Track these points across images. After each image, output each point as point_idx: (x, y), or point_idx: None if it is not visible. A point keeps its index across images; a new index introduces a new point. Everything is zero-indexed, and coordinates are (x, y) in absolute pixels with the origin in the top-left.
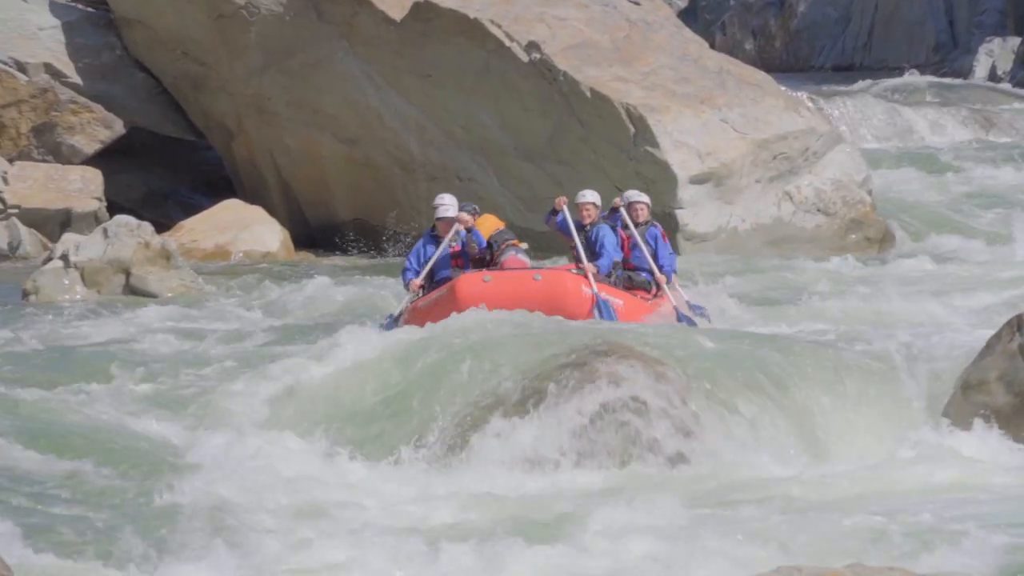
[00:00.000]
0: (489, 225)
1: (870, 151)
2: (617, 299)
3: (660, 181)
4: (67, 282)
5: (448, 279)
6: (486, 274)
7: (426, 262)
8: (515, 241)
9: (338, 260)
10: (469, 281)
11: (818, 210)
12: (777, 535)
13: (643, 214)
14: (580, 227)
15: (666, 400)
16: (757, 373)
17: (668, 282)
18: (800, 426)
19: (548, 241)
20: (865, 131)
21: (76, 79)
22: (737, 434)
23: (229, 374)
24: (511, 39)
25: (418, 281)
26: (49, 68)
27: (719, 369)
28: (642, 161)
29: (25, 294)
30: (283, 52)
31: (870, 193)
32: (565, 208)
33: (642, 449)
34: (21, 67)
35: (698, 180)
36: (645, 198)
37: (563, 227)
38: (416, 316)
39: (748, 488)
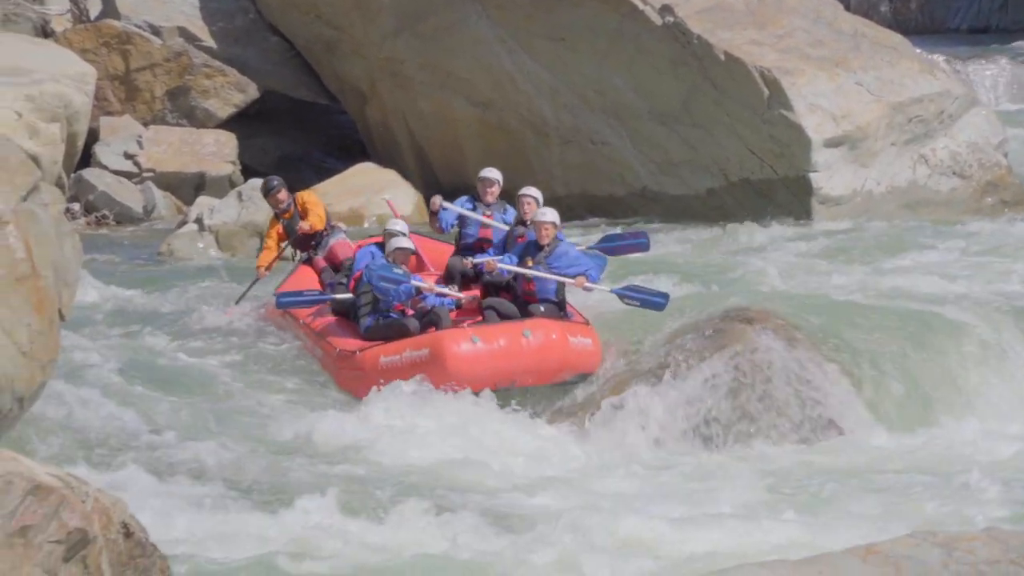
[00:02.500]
0: (316, 199)
1: (1006, 113)
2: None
3: (794, 144)
4: (201, 245)
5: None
6: (472, 333)
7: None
8: (337, 223)
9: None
10: (456, 341)
11: (953, 173)
12: (911, 500)
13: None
14: (538, 247)
15: (799, 366)
16: (891, 339)
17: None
18: (934, 392)
19: (682, 205)
20: (1002, 93)
21: (210, 43)
22: (870, 400)
23: None
24: (644, 2)
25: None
26: (183, 32)
27: (854, 335)
28: (776, 124)
29: (160, 256)
30: (416, 16)
31: (1006, 156)
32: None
33: (773, 415)
34: (155, 31)
35: (832, 143)
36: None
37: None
38: (385, 372)
39: (881, 454)
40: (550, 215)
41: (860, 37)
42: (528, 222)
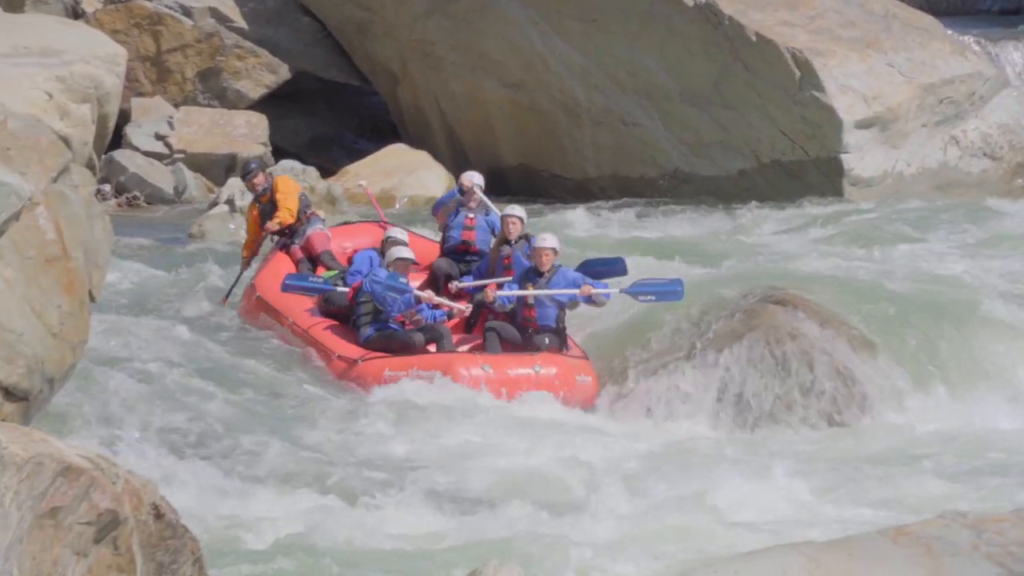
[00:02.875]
0: (290, 189)
1: None
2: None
3: (825, 125)
4: (232, 226)
5: None
6: (483, 361)
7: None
8: (315, 211)
9: (503, 204)
10: (467, 366)
11: (984, 154)
12: (942, 481)
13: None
14: (538, 274)
15: (831, 348)
16: (924, 321)
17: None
18: (965, 374)
19: (713, 187)
20: None
21: (241, 24)
22: (901, 382)
23: None
24: None
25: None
26: (214, 12)
27: (886, 318)
28: (807, 105)
29: (191, 237)
30: None
31: None
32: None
33: (805, 397)
34: (187, 11)
35: (864, 124)
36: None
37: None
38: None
39: (912, 435)
40: (551, 241)
41: (891, 18)
42: (512, 241)
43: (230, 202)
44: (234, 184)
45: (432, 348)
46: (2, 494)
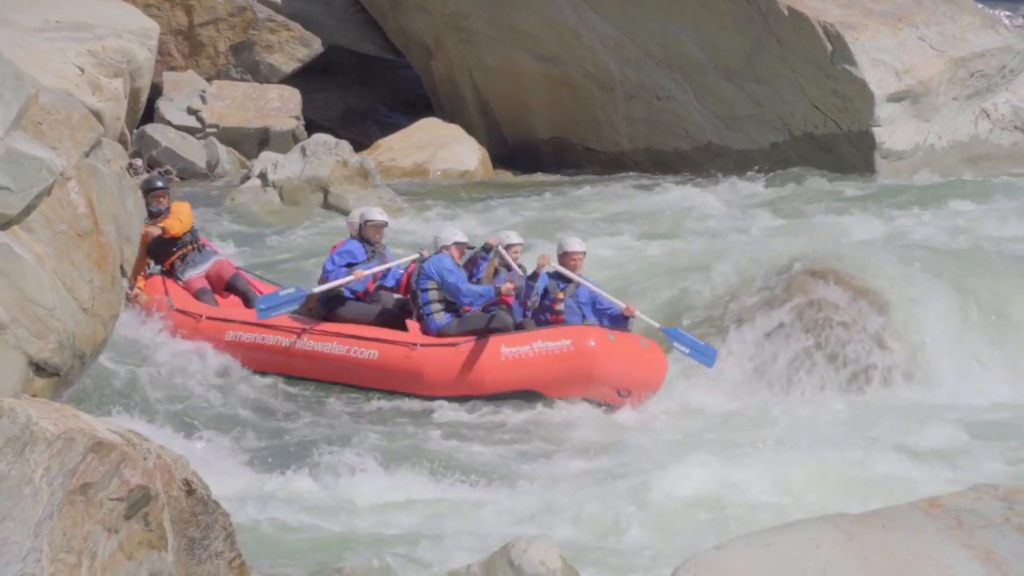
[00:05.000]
0: (187, 209)
1: None
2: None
3: (857, 99)
4: (265, 200)
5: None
6: (608, 332)
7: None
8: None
9: (536, 177)
10: (600, 335)
11: (1015, 127)
12: (973, 453)
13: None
14: (565, 278)
15: (864, 320)
16: (957, 294)
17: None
18: (995, 348)
19: (746, 160)
20: None
21: None
22: (933, 354)
23: None
24: None
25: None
26: None
27: (920, 290)
28: (839, 79)
29: (224, 211)
30: None
31: None
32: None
33: (838, 367)
34: None
35: (896, 98)
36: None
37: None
38: (511, 364)
39: (943, 407)
40: (581, 244)
41: None
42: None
43: (263, 176)
44: (266, 158)
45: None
46: (32, 470)
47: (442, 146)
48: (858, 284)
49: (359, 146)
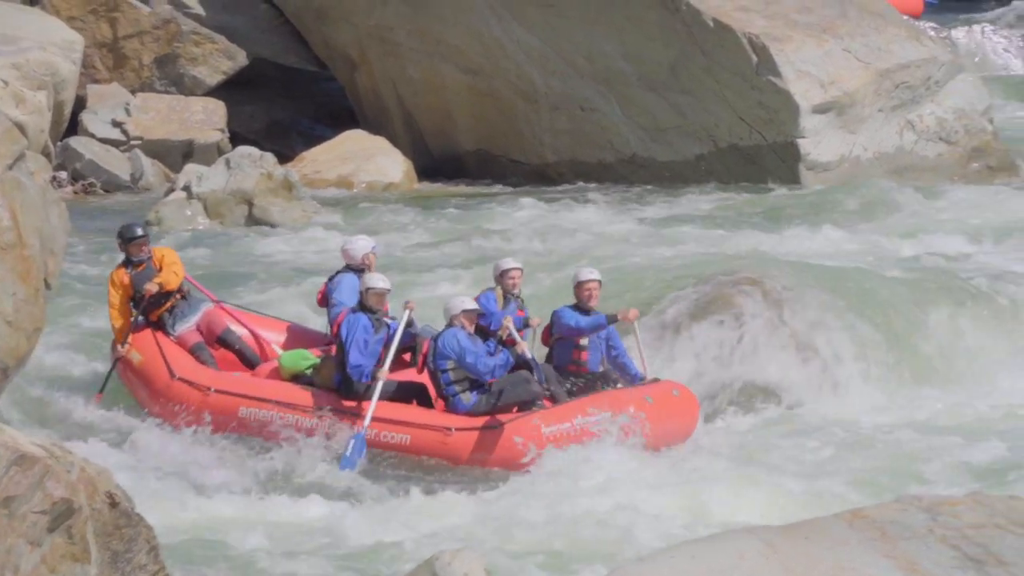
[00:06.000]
0: (176, 257)
1: (992, 80)
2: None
3: (782, 110)
4: (189, 213)
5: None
6: (645, 395)
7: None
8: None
9: (460, 189)
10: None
11: (940, 139)
12: (898, 465)
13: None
14: (584, 311)
15: (789, 331)
16: (881, 304)
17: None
18: (921, 358)
19: (671, 172)
20: (988, 60)
21: (198, 10)
22: (859, 366)
23: None
24: None
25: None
26: None
27: (843, 300)
28: (764, 90)
29: (148, 224)
30: None
31: (992, 122)
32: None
33: (764, 380)
34: None
35: (820, 109)
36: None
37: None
38: (559, 439)
39: (869, 419)
40: (596, 272)
41: (847, 3)
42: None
43: (187, 188)
44: (191, 170)
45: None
46: None
47: (366, 158)
48: (780, 296)
49: (284, 158)
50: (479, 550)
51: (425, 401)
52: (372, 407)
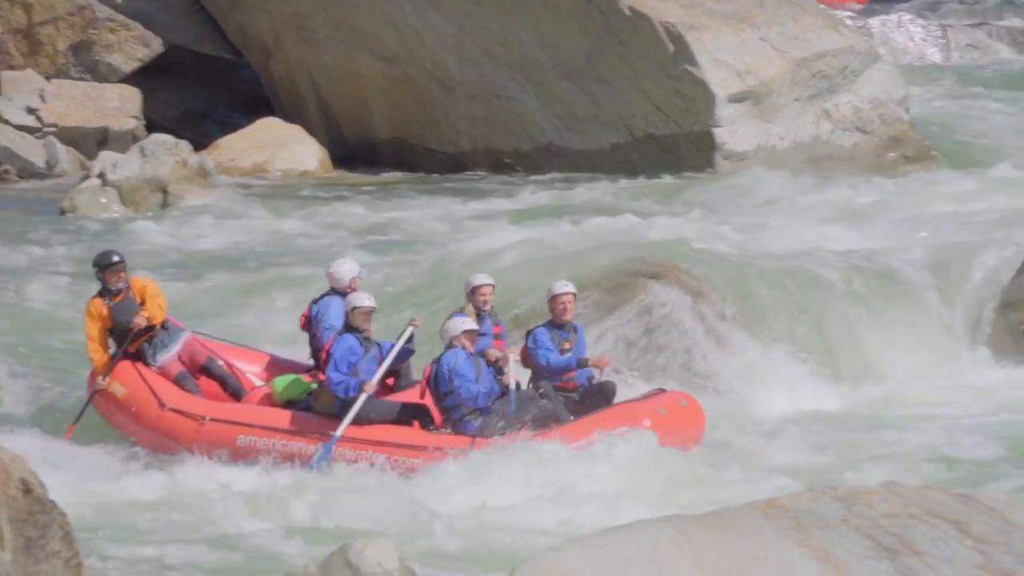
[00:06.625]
0: (156, 291)
1: (909, 69)
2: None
3: (699, 99)
4: (104, 200)
5: None
6: (657, 406)
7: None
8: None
9: (375, 178)
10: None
11: (856, 128)
12: (811, 455)
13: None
14: (563, 328)
15: (703, 321)
16: (795, 295)
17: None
18: (837, 349)
19: (587, 160)
20: (905, 49)
21: None
22: (773, 356)
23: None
24: None
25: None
26: None
27: (758, 291)
28: (681, 79)
29: (62, 212)
30: None
31: (908, 111)
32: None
33: (678, 369)
34: None
35: (737, 99)
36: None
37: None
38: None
39: (783, 410)
40: (570, 285)
41: None
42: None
43: (102, 176)
44: (106, 158)
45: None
46: None
47: (282, 146)
48: (695, 286)
49: (199, 146)
50: (392, 538)
51: (427, 423)
52: (349, 417)
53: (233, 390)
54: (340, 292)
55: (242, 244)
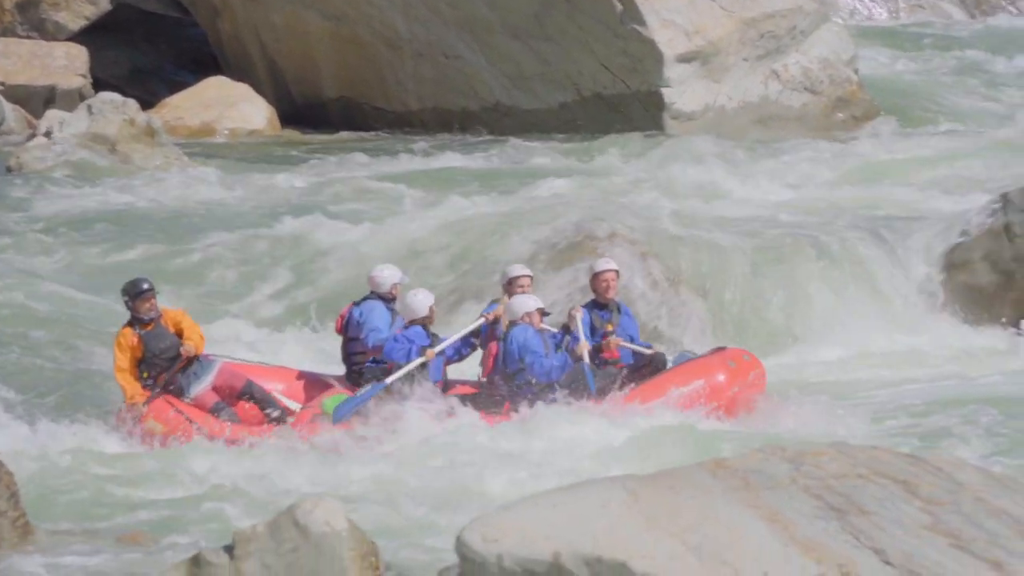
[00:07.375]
0: (191, 323)
1: (857, 30)
2: None
3: (647, 59)
4: (51, 158)
5: None
6: (727, 360)
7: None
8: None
9: (323, 137)
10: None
11: (805, 88)
12: (762, 416)
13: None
14: (607, 307)
15: (651, 283)
16: (744, 258)
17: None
18: (786, 312)
19: (534, 120)
20: (854, 10)
21: None
22: (721, 319)
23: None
24: None
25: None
26: None
27: (706, 253)
28: (628, 39)
29: (8, 170)
30: None
31: (856, 72)
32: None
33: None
34: None
35: (685, 59)
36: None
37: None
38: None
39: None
40: (612, 262)
41: None
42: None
43: (48, 134)
44: (53, 116)
45: None
46: None
47: (229, 105)
48: (643, 248)
49: (146, 105)
50: (340, 499)
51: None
52: (401, 373)
53: (276, 413)
54: (381, 296)
55: (188, 202)
